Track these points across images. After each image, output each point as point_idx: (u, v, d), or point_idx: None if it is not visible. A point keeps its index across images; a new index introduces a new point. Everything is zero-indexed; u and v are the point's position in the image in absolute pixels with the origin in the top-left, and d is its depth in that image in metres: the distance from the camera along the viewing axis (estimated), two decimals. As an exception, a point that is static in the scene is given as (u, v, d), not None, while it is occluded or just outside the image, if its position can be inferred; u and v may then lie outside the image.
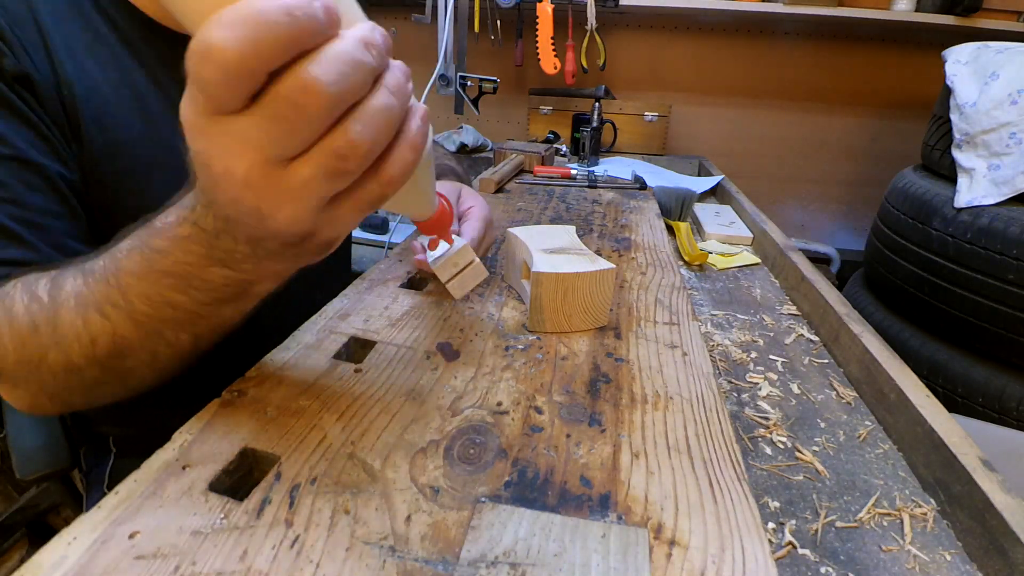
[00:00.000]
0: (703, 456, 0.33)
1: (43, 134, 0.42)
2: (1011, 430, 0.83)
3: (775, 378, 0.52)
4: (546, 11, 1.50)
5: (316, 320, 0.46)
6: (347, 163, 0.21)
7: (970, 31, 1.54)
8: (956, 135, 1.15)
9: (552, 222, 0.81)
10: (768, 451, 0.42)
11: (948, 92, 1.19)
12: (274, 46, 0.18)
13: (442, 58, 1.32)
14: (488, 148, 1.63)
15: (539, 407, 0.37)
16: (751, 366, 0.54)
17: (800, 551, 0.34)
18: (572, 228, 0.55)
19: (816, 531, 0.35)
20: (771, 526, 0.36)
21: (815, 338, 0.60)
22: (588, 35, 1.57)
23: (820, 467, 0.41)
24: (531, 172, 1.12)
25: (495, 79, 1.28)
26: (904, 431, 0.43)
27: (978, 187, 1.08)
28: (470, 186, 0.66)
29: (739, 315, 0.64)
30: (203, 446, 0.31)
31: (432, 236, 0.41)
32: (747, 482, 0.31)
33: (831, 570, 0.33)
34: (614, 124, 1.48)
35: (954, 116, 1.16)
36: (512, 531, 0.27)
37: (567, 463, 0.32)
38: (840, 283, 1.65)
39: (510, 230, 0.54)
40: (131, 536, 0.26)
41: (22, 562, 0.24)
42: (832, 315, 0.58)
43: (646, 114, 1.56)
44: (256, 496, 0.28)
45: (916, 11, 1.52)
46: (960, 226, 1.09)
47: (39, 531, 0.83)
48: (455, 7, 1.33)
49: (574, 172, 1.10)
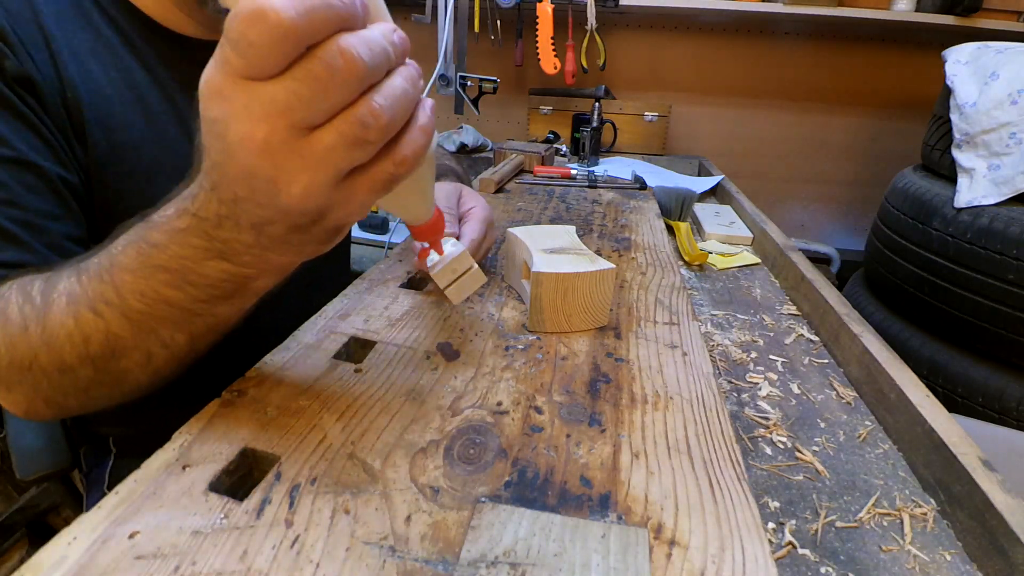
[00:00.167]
0: (703, 456, 0.33)
1: (44, 136, 0.42)
2: (1011, 430, 0.83)
3: (775, 378, 0.52)
4: (546, 11, 1.50)
5: (316, 320, 0.46)
6: (368, 132, 0.23)
7: (970, 31, 1.54)
8: (956, 135, 1.15)
9: (552, 222, 0.81)
10: (768, 451, 0.42)
11: (948, 92, 1.19)
12: (325, 20, 0.21)
13: (442, 58, 1.32)
14: (488, 148, 1.63)
15: (539, 407, 0.37)
16: (751, 366, 0.54)
17: (800, 551, 0.34)
18: (572, 228, 0.55)
19: (816, 531, 0.35)
20: (771, 526, 0.36)
21: (815, 338, 0.60)
22: (588, 35, 1.57)
23: (820, 467, 0.41)
24: (531, 172, 1.12)
25: (495, 79, 1.28)
26: (904, 431, 0.43)
27: (978, 187, 1.08)
28: (470, 186, 0.66)
29: (739, 315, 0.64)
30: (203, 446, 0.31)
31: (424, 244, 0.41)
32: (747, 482, 0.31)
33: (831, 570, 0.33)
34: (614, 124, 1.48)
35: (954, 116, 1.16)
36: (512, 531, 0.27)
37: (567, 463, 0.32)
38: (840, 283, 1.65)
39: (510, 230, 0.54)
40: (131, 536, 0.26)
41: (22, 562, 0.24)
42: (832, 315, 0.58)
43: (646, 114, 1.56)
44: (256, 496, 0.28)
45: (916, 11, 1.52)
46: (960, 226, 1.09)
47: (39, 531, 0.83)
48: (455, 7, 1.33)
49: (574, 172, 1.10)
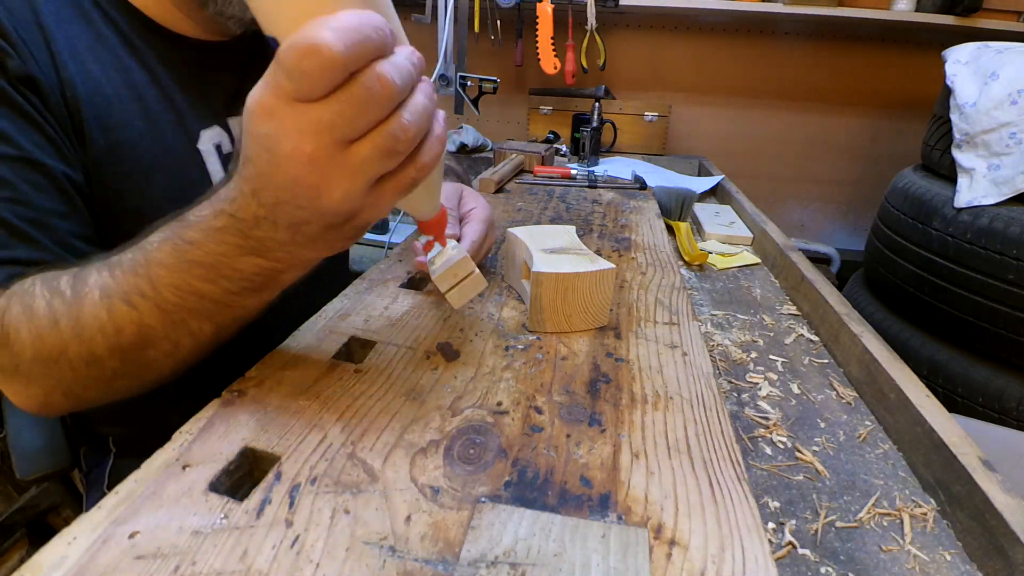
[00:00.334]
0: (703, 456, 0.33)
1: (48, 135, 0.42)
2: (1011, 430, 0.83)
3: (775, 378, 0.52)
4: (546, 11, 1.50)
5: (316, 320, 0.46)
6: (398, 144, 0.27)
7: (970, 31, 1.54)
8: (956, 135, 1.15)
9: (552, 222, 0.81)
10: (768, 451, 0.42)
11: (948, 92, 1.19)
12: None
13: (442, 58, 1.32)
14: (488, 148, 1.63)
15: (539, 407, 0.37)
16: (751, 366, 0.54)
17: (800, 551, 0.34)
18: (572, 228, 0.55)
19: (816, 531, 0.35)
20: (771, 526, 0.36)
21: (815, 338, 0.60)
22: (588, 35, 1.57)
23: (820, 467, 0.41)
24: (531, 172, 1.12)
25: (495, 79, 1.28)
26: (904, 431, 0.43)
27: (978, 187, 1.08)
28: (470, 186, 0.66)
29: (739, 315, 0.64)
30: (203, 446, 0.31)
31: (430, 237, 0.43)
32: (747, 482, 0.31)
33: (831, 570, 0.33)
34: (614, 124, 1.48)
35: (954, 116, 1.16)
36: (512, 531, 0.27)
37: (567, 463, 0.32)
38: (840, 283, 1.65)
39: (510, 230, 0.54)
40: (131, 536, 0.26)
41: (22, 562, 0.24)
42: (832, 315, 0.58)
43: (646, 114, 1.56)
44: (256, 496, 0.28)
45: (916, 11, 1.52)
46: (960, 226, 1.09)
47: (39, 531, 0.83)
48: (455, 7, 1.33)
49: (574, 172, 1.10)
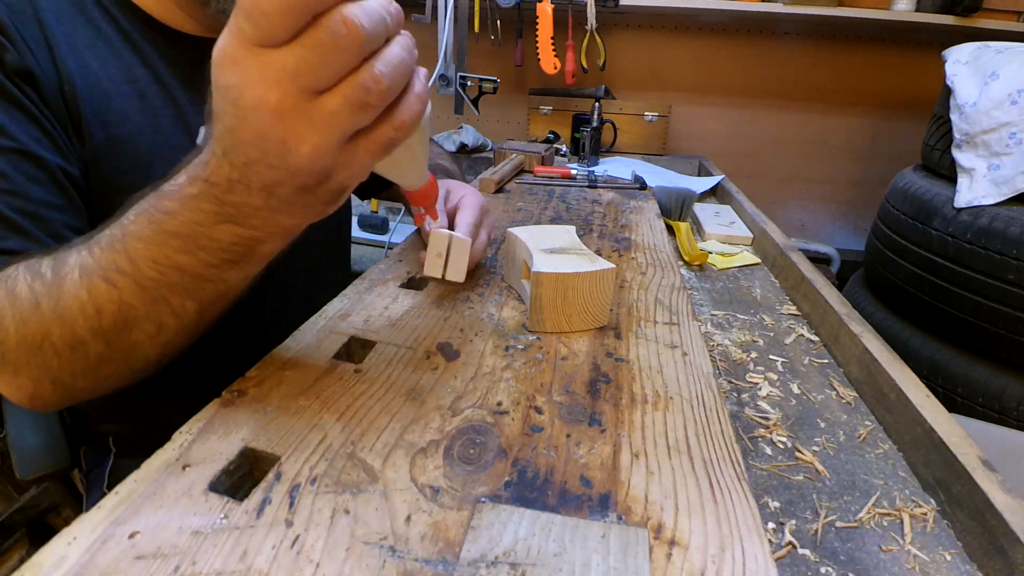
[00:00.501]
0: (703, 456, 0.33)
1: (45, 128, 0.42)
2: (1011, 430, 0.83)
3: (775, 378, 0.52)
4: (546, 11, 1.50)
5: (316, 320, 0.46)
6: (370, 96, 0.25)
7: (970, 31, 1.54)
8: (956, 135, 1.15)
9: (552, 222, 0.81)
10: (768, 451, 0.42)
11: (948, 92, 1.19)
12: None
13: (442, 58, 1.32)
14: (488, 148, 1.63)
15: (539, 407, 0.37)
16: (751, 366, 0.54)
17: (800, 551, 0.34)
18: (572, 228, 0.55)
19: (816, 531, 0.35)
20: (771, 526, 0.36)
21: (815, 338, 0.60)
22: (588, 35, 1.57)
23: (820, 467, 0.41)
24: (531, 172, 1.12)
25: (495, 79, 1.28)
26: (904, 431, 0.43)
27: (978, 187, 1.08)
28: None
29: (739, 315, 0.64)
30: (203, 446, 0.31)
31: (420, 210, 0.42)
32: (747, 482, 0.31)
33: (831, 570, 0.33)
34: (614, 124, 1.48)
35: (954, 116, 1.16)
36: (512, 531, 0.27)
37: (567, 463, 0.32)
38: (840, 283, 1.65)
39: (510, 230, 0.54)
40: (131, 536, 0.26)
41: (22, 562, 0.24)
42: (832, 315, 0.58)
43: (646, 114, 1.56)
44: (256, 496, 0.28)
45: (916, 11, 1.52)
46: (960, 226, 1.09)
47: (39, 531, 0.83)
48: (455, 7, 1.33)
49: (574, 172, 1.10)
